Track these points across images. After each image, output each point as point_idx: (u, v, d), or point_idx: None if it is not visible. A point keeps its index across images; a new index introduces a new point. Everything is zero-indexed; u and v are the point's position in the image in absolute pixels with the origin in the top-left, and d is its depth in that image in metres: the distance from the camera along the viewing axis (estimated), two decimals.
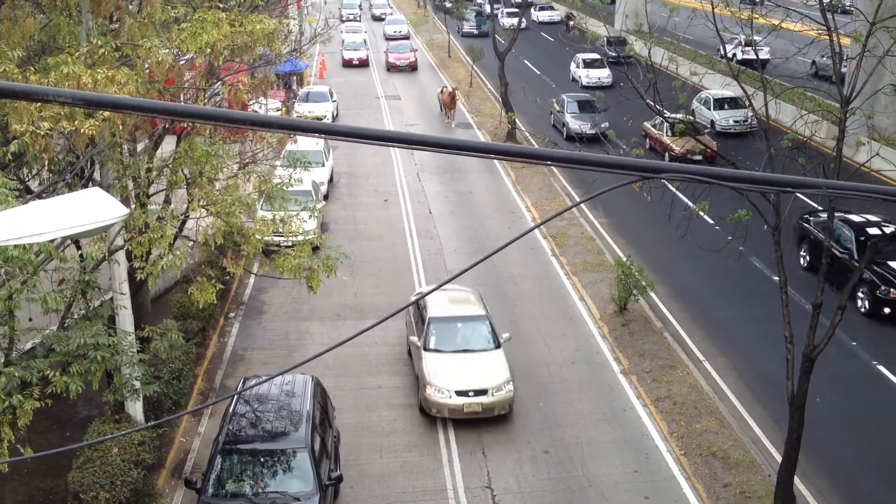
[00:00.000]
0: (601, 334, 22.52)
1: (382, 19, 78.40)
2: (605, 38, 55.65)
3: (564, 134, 38.71)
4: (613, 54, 51.24)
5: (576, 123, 38.39)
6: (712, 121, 38.47)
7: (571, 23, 57.81)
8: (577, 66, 51.48)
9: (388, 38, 67.99)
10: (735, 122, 37.89)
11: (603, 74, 49.14)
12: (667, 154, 34.26)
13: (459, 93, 44.03)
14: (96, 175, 17.37)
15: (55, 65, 13.36)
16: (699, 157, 31.64)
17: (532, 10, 75.77)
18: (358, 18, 78.90)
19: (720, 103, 38.78)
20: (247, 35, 15.65)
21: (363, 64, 59.72)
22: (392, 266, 26.90)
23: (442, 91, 44.73)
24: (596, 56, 51.62)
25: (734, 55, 18.38)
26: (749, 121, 30.99)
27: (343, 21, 73.63)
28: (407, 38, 68.39)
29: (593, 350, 21.80)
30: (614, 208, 30.82)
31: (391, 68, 57.68)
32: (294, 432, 15.27)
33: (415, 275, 26.25)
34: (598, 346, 21.93)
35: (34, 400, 12.23)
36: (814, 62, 41.98)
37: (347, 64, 59.57)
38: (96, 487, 14.43)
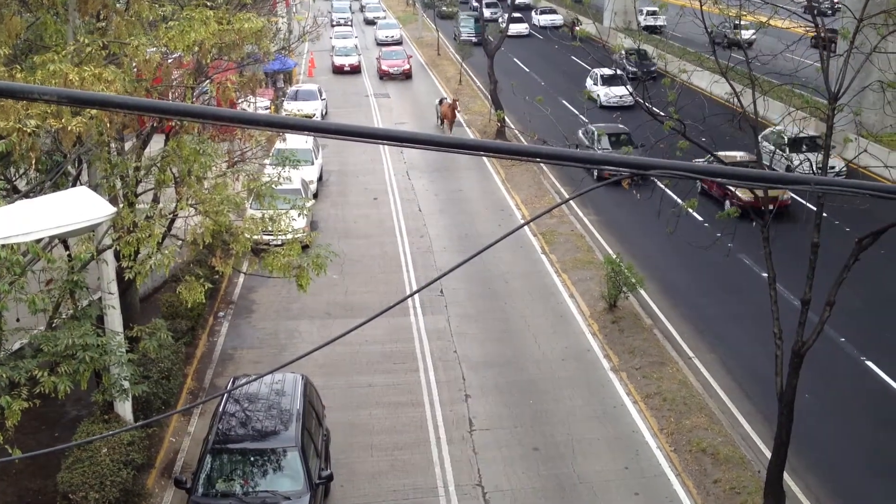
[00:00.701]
0: (591, 331, 22.55)
1: (375, 23, 74.02)
2: (626, 51, 48.37)
3: (595, 174, 29.17)
4: (635, 69, 44.55)
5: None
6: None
7: (577, 28, 52.89)
8: (595, 83, 45.98)
9: (381, 44, 64.84)
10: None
11: (624, 92, 41.61)
12: (728, 202, 27.68)
13: (458, 102, 42.43)
14: (84, 174, 17.30)
15: (42, 63, 13.29)
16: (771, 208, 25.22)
17: (533, 13, 73.31)
18: (349, 23, 74.64)
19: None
20: (235, 33, 15.60)
21: (355, 70, 56.77)
22: (382, 264, 26.88)
23: (441, 102, 42.40)
24: (615, 71, 45.61)
25: (724, 36, 18.08)
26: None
27: (333, 26, 68.75)
28: (400, 43, 65.10)
29: (583, 347, 21.82)
30: (604, 206, 30.87)
31: (384, 76, 54.69)
32: (284, 431, 15.23)
33: (405, 273, 26.24)
34: (588, 344, 21.96)
35: (22, 400, 12.18)
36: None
37: (338, 70, 56.55)
38: (85, 488, 14.38)
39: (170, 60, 17.54)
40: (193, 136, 16.43)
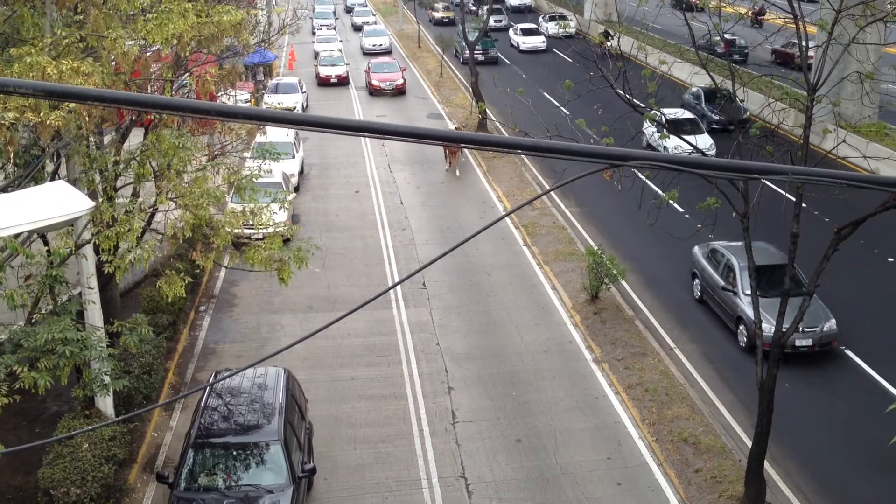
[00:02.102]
0: (573, 323, 22.62)
1: (362, 28, 65.25)
2: (696, 88, 37.67)
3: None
4: (715, 115, 35.16)
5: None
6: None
7: (608, 43, 35.00)
8: (654, 132, 30.80)
9: (368, 53, 57.84)
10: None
11: (706, 144, 31.47)
12: None
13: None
14: (62, 168, 17.18)
15: (19, 56, 13.18)
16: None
17: (540, 19, 63.30)
18: (333, 27, 66.68)
19: (525, 32, 57.02)
20: (214, 26, 15.53)
21: (342, 82, 49.88)
22: (364, 257, 26.85)
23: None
24: (687, 114, 34.99)
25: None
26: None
27: (315, 33, 62.92)
28: (389, 52, 58.20)
29: (565, 339, 21.89)
30: (585, 198, 30.95)
31: (375, 92, 47.40)
32: (267, 425, 15.20)
33: (387, 266, 26.22)
34: (571, 335, 22.03)
35: (2, 396, 12.10)
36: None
37: (324, 82, 49.73)
38: (67, 483, 14.30)
39: (148, 53, 17.46)
40: (173, 129, 16.35)
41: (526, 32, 58.07)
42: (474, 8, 65.56)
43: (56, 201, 13.82)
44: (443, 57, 52.92)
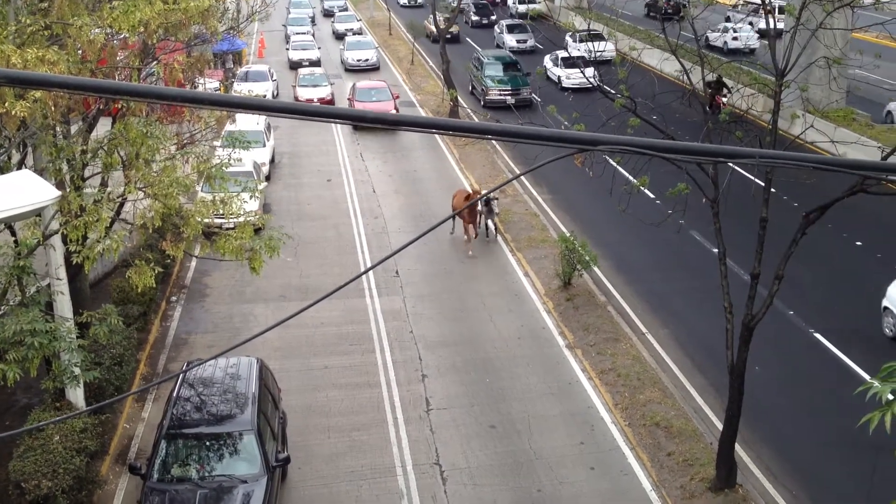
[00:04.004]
0: (546, 309, 22.70)
1: (344, 37, 55.54)
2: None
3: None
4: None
5: None
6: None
7: (724, 99, 27.89)
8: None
9: (352, 70, 48.66)
10: (518, 42, 51.49)
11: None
12: None
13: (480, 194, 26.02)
14: (29, 158, 16.96)
15: None
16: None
17: (570, 39, 43.86)
18: (311, 34, 57.62)
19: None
20: (181, 12, 15.36)
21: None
22: (337, 246, 26.77)
23: (455, 195, 27.39)
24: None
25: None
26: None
27: (289, 40, 54.96)
28: (377, 67, 49.24)
29: (538, 325, 21.97)
30: (557, 185, 31.03)
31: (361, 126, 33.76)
32: (240, 415, 15.14)
33: (360, 254, 26.17)
34: (544, 321, 22.11)
35: None
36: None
37: None
38: (38, 476, 14.17)
39: (115, 41, 17.24)
40: (141, 118, 16.18)
41: (571, 63, 38.59)
42: (479, 19, 61.62)
43: (21, 191, 13.64)
44: (414, 44, 52.77)
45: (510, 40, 53.07)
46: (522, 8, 57.77)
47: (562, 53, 43.22)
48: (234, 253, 16.71)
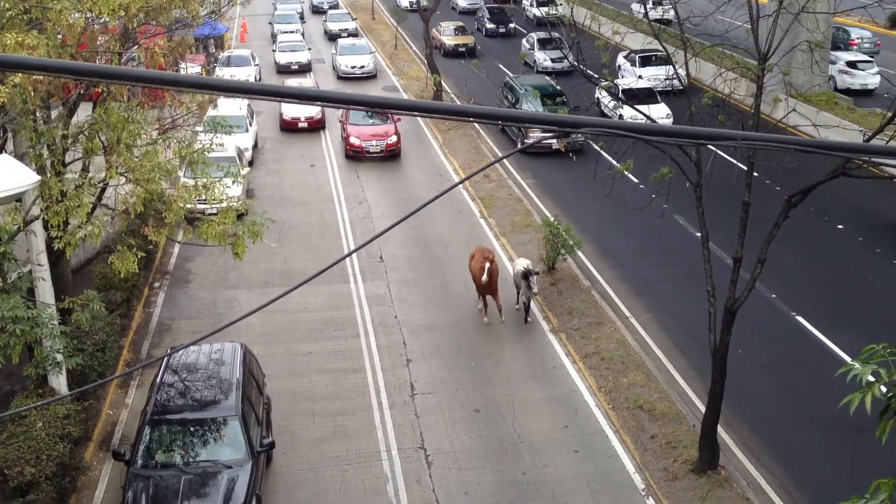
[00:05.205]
0: None
1: (337, 39, 49.05)
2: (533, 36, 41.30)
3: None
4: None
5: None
6: (535, 59, 43.24)
7: None
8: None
9: (344, 77, 44.09)
10: (554, 61, 41.66)
11: (662, 114, 30.24)
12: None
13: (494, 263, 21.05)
14: (9, 143, 16.81)
15: None
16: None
17: (626, 58, 39.93)
18: (299, 31, 52.21)
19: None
20: None
21: (314, 127, 35.84)
22: (320, 231, 26.70)
23: (473, 255, 21.81)
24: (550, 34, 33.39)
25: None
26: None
27: (276, 40, 48.98)
28: (374, 75, 44.30)
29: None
30: (541, 170, 31.04)
31: (355, 154, 32.29)
32: (224, 400, 15.12)
33: (343, 240, 26.12)
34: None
35: None
36: None
37: (289, 127, 35.65)
38: (21, 462, 14.11)
39: (95, 26, 17.09)
40: (122, 103, 16.05)
41: (642, 96, 29.90)
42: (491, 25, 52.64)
43: (1, 176, 13.54)
44: (397, 29, 52.55)
45: (543, 58, 43.11)
46: (541, 12, 47.33)
47: (538, 35, 43.81)
48: (217, 238, 16.66)
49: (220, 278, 23.55)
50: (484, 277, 20.26)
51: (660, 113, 30.54)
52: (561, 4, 35.55)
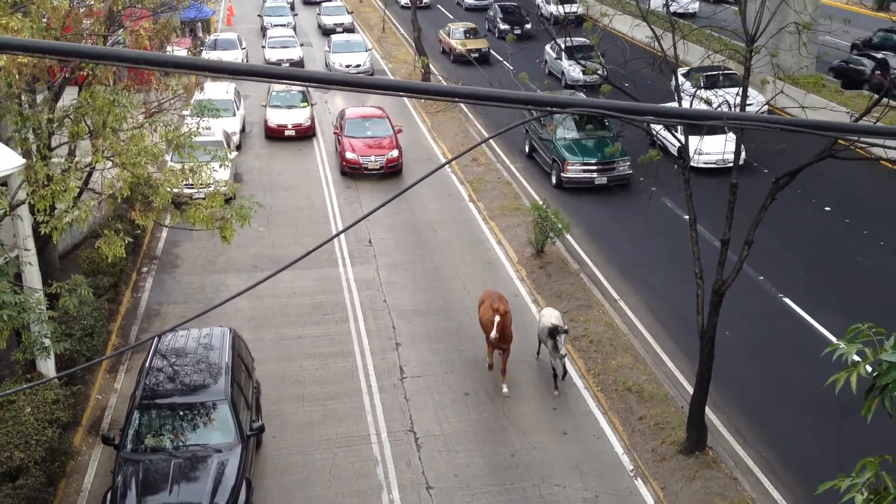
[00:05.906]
0: (519, 277, 22.78)
1: (331, 34, 46.62)
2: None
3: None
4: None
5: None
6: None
7: None
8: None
9: None
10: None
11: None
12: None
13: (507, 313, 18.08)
14: None
15: None
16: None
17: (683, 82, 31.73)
18: (291, 25, 49.50)
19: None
20: None
21: (303, 135, 32.94)
22: (309, 216, 26.65)
23: (483, 300, 18.89)
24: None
25: None
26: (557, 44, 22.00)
27: (265, 34, 46.46)
28: (371, 73, 40.89)
29: (512, 293, 22.00)
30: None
31: (352, 171, 29.25)
32: (213, 385, 15.11)
33: (332, 224, 26.08)
34: (517, 289, 22.19)
35: None
36: None
37: (275, 134, 32.76)
38: (10, 448, 14.09)
39: (80, 8, 16.95)
40: (107, 86, 15.95)
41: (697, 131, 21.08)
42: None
43: None
44: (385, 11, 52.31)
45: (572, 70, 35.60)
46: (559, 10, 36.26)
47: (564, 41, 39.99)
48: (205, 222, 16.60)
49: (209, 263, 23.50)
50: (493, 334, 17.36)
51: (718, 148, 24.50)
52: (578, 3, 31.57)
